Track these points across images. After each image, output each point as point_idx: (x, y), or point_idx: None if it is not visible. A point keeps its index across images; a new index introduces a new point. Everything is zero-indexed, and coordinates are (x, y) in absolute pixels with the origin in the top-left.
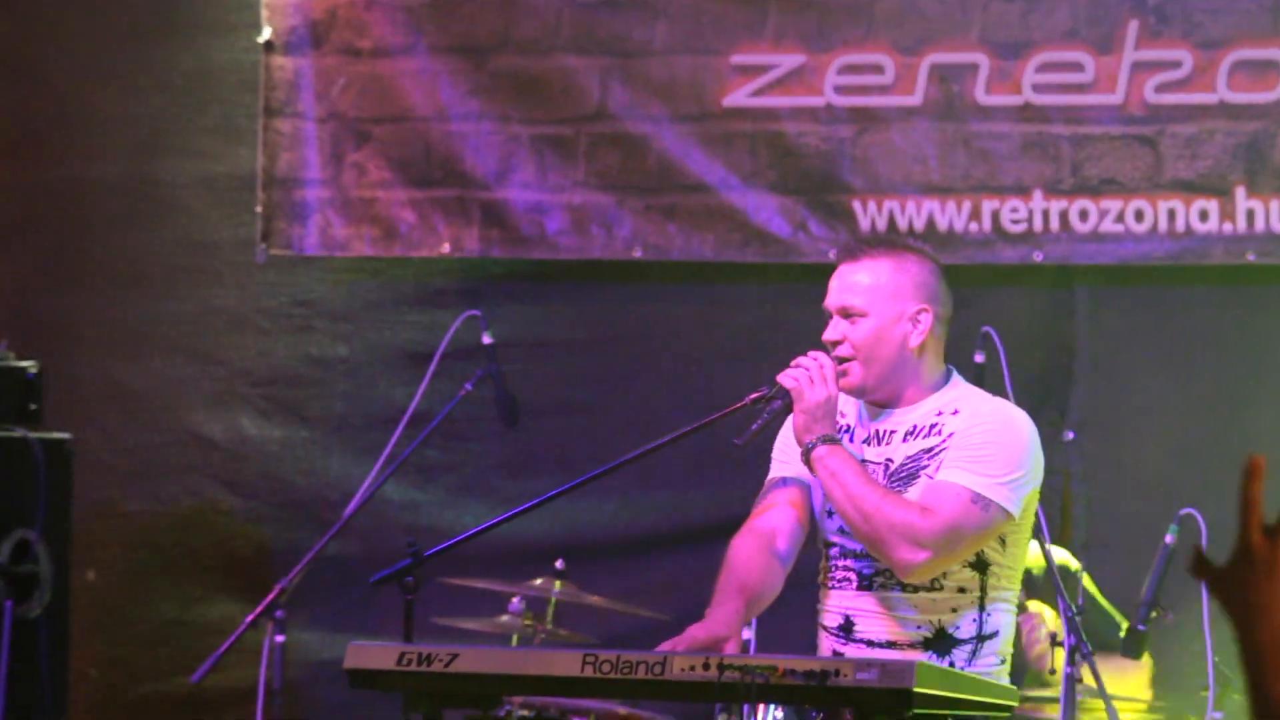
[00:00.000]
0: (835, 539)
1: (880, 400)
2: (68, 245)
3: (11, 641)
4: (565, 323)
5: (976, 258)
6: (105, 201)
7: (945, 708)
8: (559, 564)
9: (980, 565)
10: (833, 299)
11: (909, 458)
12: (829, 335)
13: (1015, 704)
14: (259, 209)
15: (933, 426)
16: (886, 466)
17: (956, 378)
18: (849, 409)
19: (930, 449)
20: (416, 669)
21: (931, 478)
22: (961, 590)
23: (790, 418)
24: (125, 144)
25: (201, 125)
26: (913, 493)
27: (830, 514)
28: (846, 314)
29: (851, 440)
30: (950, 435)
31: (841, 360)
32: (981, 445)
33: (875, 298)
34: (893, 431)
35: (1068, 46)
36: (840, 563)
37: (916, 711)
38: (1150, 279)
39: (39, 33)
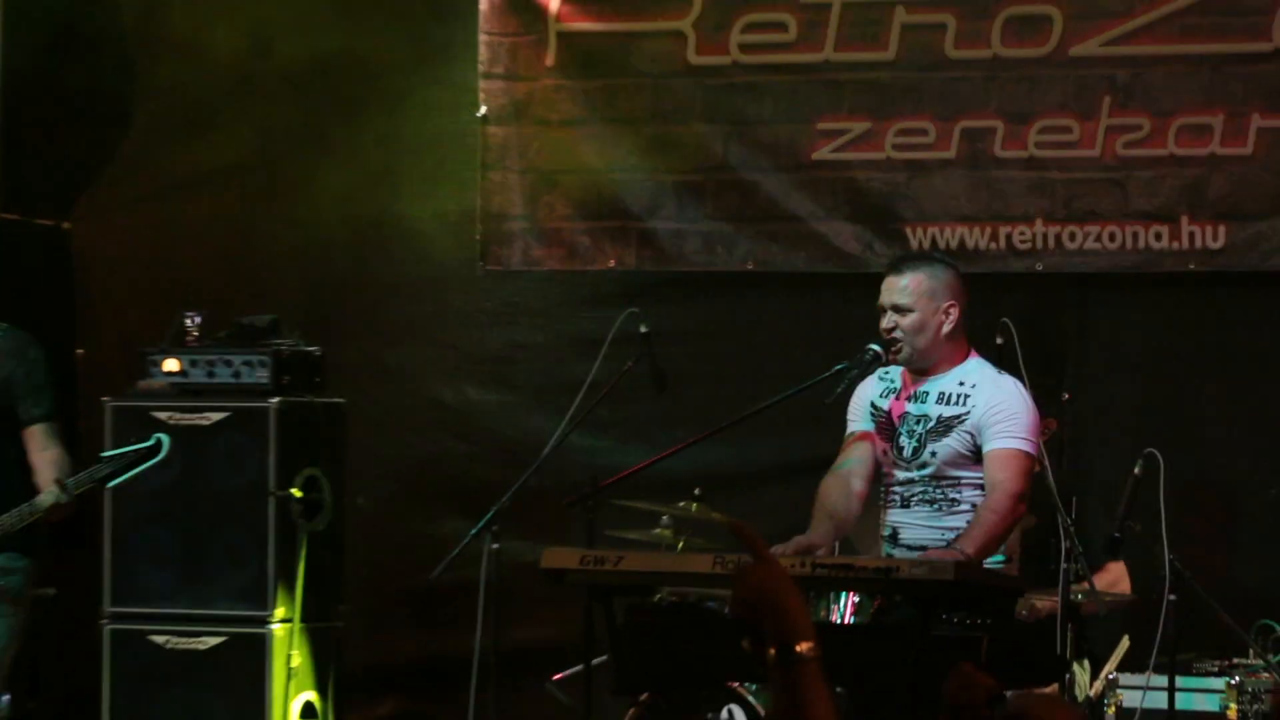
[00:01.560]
0: (889, 470)
1: (920, 369)
2: (340, 263)
3: (305, 549)
4: (698, 317)
5: (995, 268)
6: (368, 232)
7: (973, 590)
8: (696, 491)
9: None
10: (886, 299)
11: (941, 419)
12: (885, 325)
13: (1022, 587)
14: (478, 237)
15: (957, 395)
16: (925, 421)
17: (974, 355)
18: (897, 375)
19: (957, 415)
20: (593, 568)
21: (965, 433)
22: (973, 507)
23: (864, 382)
24: (382, 189)
25: (437, 176)
26: (949, 441)
27: (886, 453)
28: (897, 309)
29: (898, 398)
30: (973, 406)
31: (894, 341)
32: (1014, 415)
33: (917, 297)
34: (928, 393)
35: (1060, 115)
36: (892, 489)
37: (952, 593)
38: (1119, 283)
39: (325, 110)
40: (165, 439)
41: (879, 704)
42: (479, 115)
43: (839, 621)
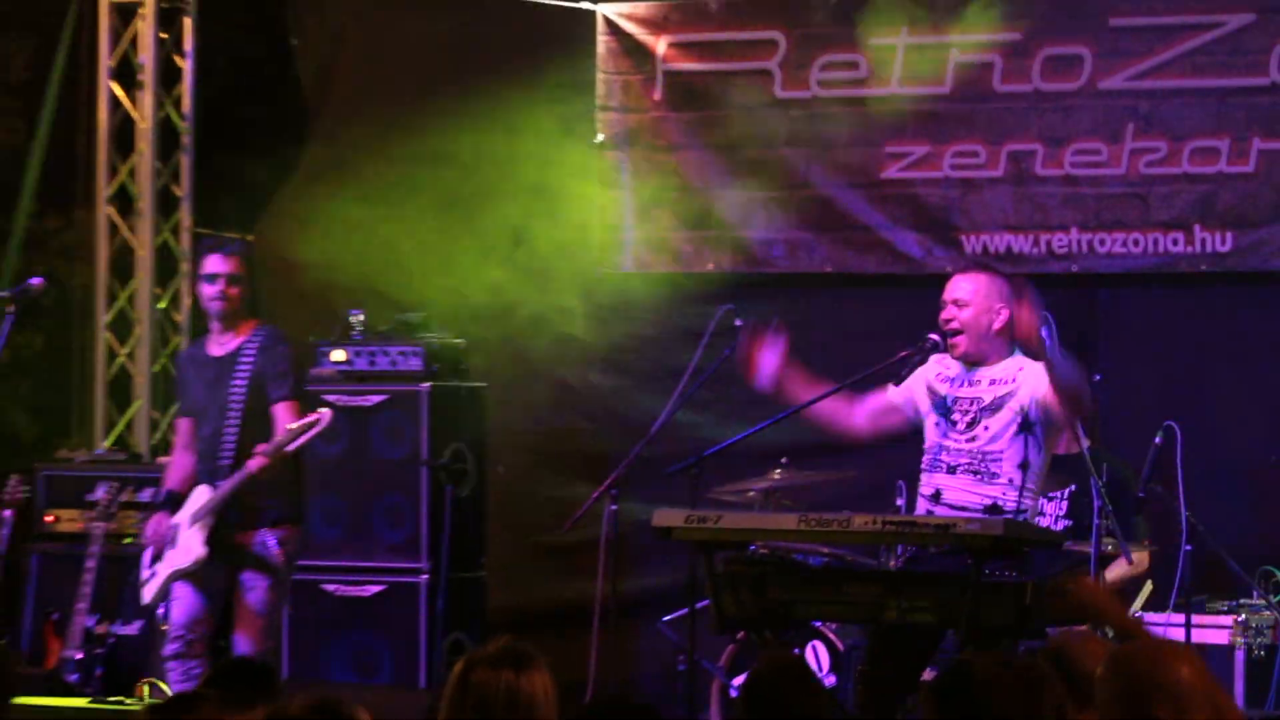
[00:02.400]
0: (936, 440)
1: (973, 361)
2: (481, 267)
3: (452, 512)
4: (784, 311)
5: (1036, 269)
6: (504, 241)
7: (1019, 543)
8: (782, 460)
9: (1023, 466)
10: (949, 293)
11: (995, 397)
12: (946, 315)
13: (1061, 540)
14: (596, 244)
15: (1005, 379)
16: (979, 401)
17: (1018, 351)
18: (952, 367)
19: (1009, 392)
20: (696, 525)
21: (1013, 410)
22: (1009, 482)
23: (922, 368)
24: (516, 204)
25: (562, 193)
26: (1000, 416)
27: (938, 424)
28: (958, 304)
29: (952, 385)
30: (1020, 386)
31: (953, 332)
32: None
33: (975, 296)
34: (979, 381)
35: (1091, 139)
36: (939, 457)
37: (1002, 546)
38: (1142, 282)
39: (467, 137)
40: (326, 412)
41: (937, 640)
42: (597, 141)
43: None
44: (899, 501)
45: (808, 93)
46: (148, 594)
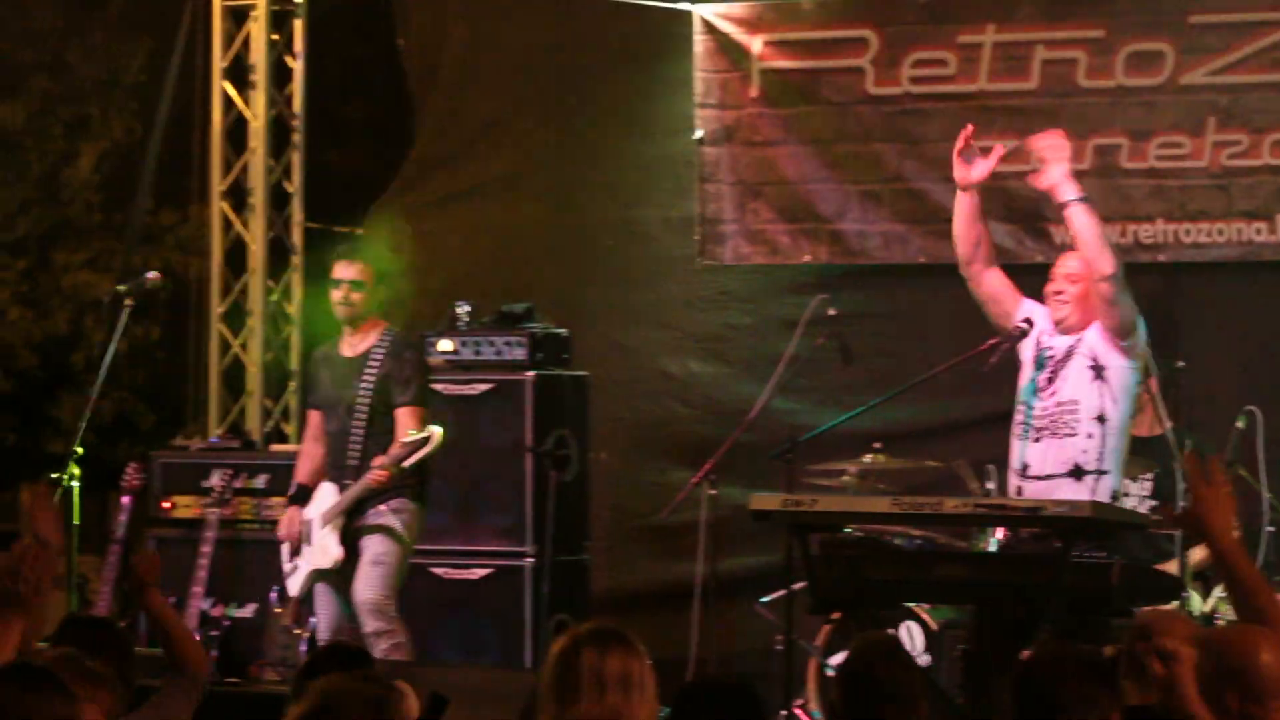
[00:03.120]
0: (1027, 400)
1: (1070, 331)
2: (583, 260)
3: (555, 498)
4: (878, 301)
5: (1124, 259)
6: (607, 234)
7: (1106, 525)
8: (876, 445)
9: (1101, 419)
10: (1060, 268)
11: (1067, 347)
12: (1055, 288)
13: (1147, 522)
14: (697, 237)
15: (1078, 333)
16: (1055, 351)
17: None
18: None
19: (1078, 338)
20: (793, 508)
21: (1083, 355)
22: (1088, 436)
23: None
24: (618, 198)
25: (663, 187)
26: (1072, 364)
27: (1031, 381)
28: (1069, 278)
29: (1038, 346)
30: (1085, 334)
31: (1060, 304)
32: None
33: (1084, 273)
34: (1074, 344)
35: (1174, 133)
36: (1024, 423)
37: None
38: (1225, 270)
39: (571, 133)
40: (438, 431)
41: (1031, 618)
42: (696, 138)
43: (994, 550)
44: (989, 485)
45: (899, 89)
46: (293, 586)
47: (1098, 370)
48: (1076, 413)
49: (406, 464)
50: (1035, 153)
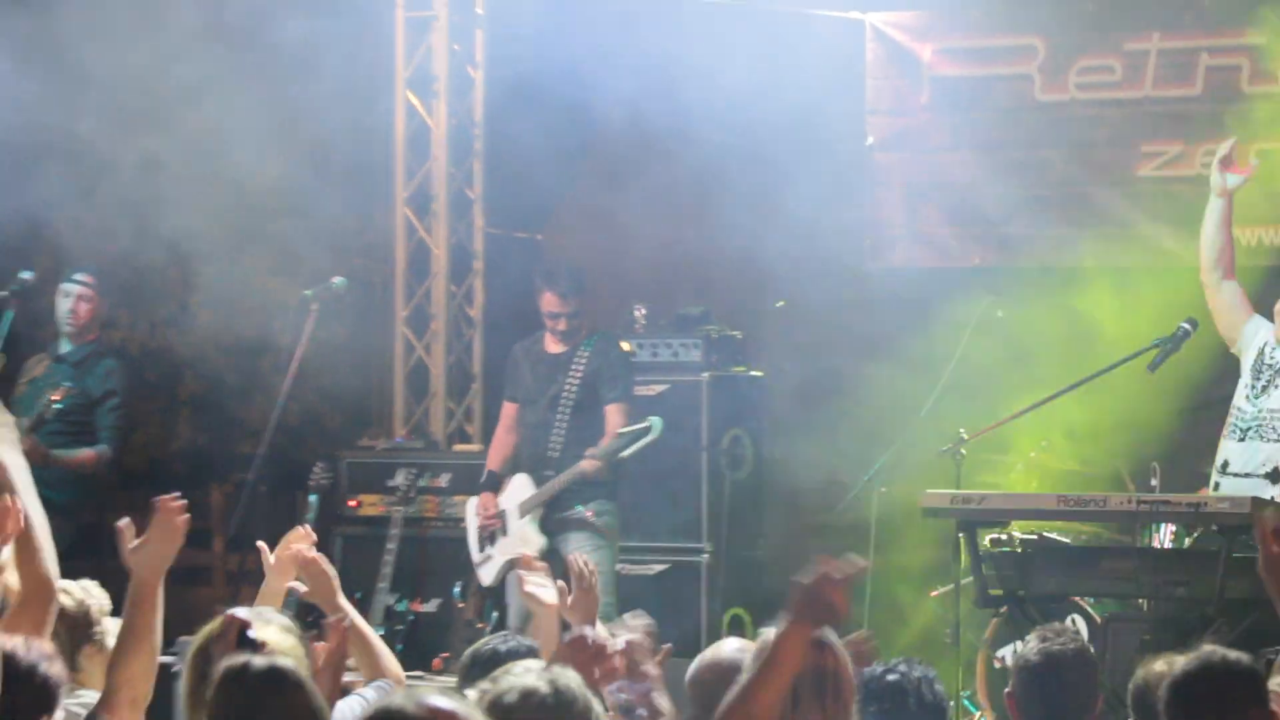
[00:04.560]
0: (1239, 403)
1: None
2: (757, 264)
3: (730, 495)
4: (1044, 303)
5: None
6: (779, 238)
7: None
8: (1044, 443)
9: None
10: None
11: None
12: None
13: None
14: (868, 241)
15: None
16: (1273, 365)
17: None
18: (1259, 343)
19: None
20: (961, 505)
21: None
22: None
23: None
24: (789, 204)
25: (835, 192)
26: None
27: (1246, 385)
28: None
29: (1259, 357)
30: None
31: None
32: None
33: None
34: None
35: None
36: (1234, 423)
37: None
38: None
39: (744, 142)
40: (657, 421)
41: (1191, 612)
42: (868, 144)
43: (1160, 546)
44: (1153, 482)
45: (1066, 96)
46: (486, 576)
47: None
48: None
49: (626, 454)
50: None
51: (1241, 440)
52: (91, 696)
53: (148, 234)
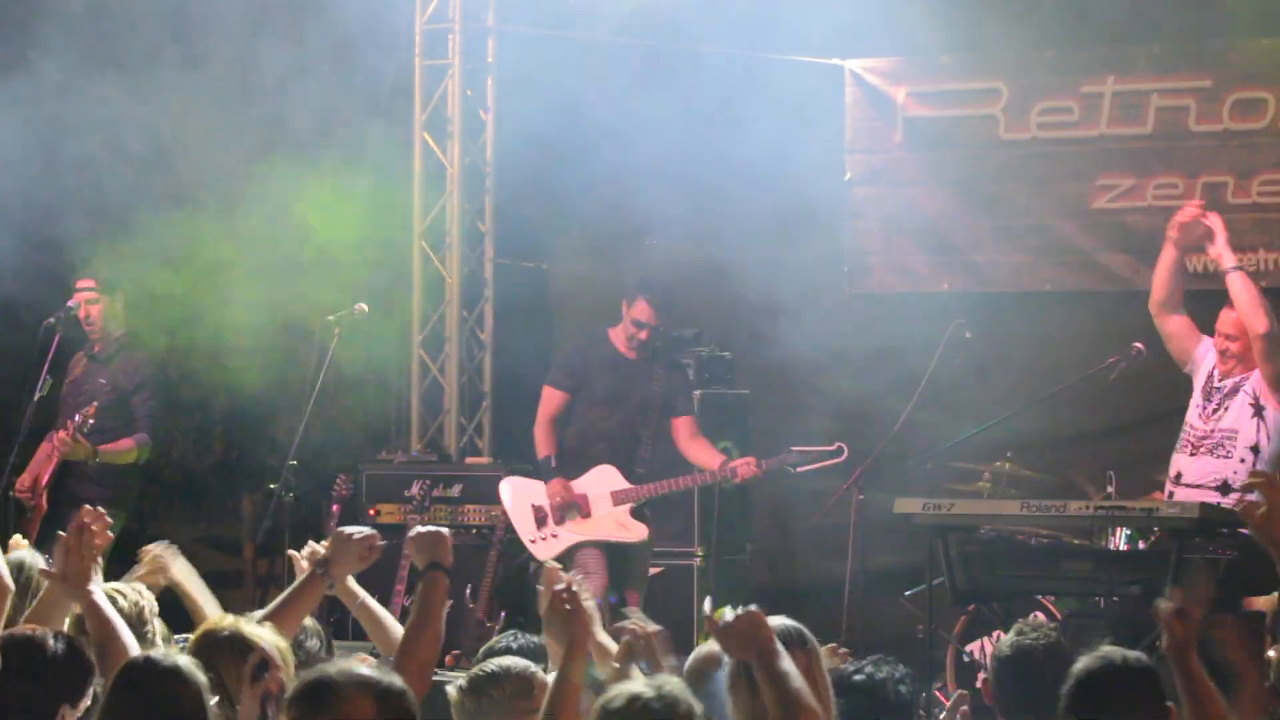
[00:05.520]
0: (1192, 420)
1: (1232, 371)
2: (744, 288)
3: (720, 503)
4: (1009, 325)
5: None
6: (763, 266)
7: (1214, 524)
8: (1008, 454)
9: (1254, 449)
10: (1222, 327)
11: (1233, 383)
12: (1221, 346)
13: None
14: (846, 268)
15: (1242, 372)
16: (1222, 390)
17: None
18: (1208, 366)
19: (1243, 377)
20: (932, 511)
21: (1247, 391)
22: (1240, 460)
23: (1210, 356)
24: (773, 235)
25: (815, 224)
26: (1236, 400)
27: (1197, 405)
28: (1229, 337)
29: (1209, 380)
30: (1252, 372)
31: (1229, 359)
32: None
33: (1242, 330)
34: (1239, 381)
35: (1276, 172)
36: (1189, 438)
37: (1198, 527)
38: None
39: (730, 176)
40: (845, 448)
41: (1145, 609)
42: (846, 179)
43: (1116, 548)
44: (1109, 489)
45: (1028, 135)
46: (545, 552)
47: (1258, 408)
48: (1235, 440)
49: (802, 469)
50: (1205, 221)
51: (1193, 455)
52: None
53: (183, 265)
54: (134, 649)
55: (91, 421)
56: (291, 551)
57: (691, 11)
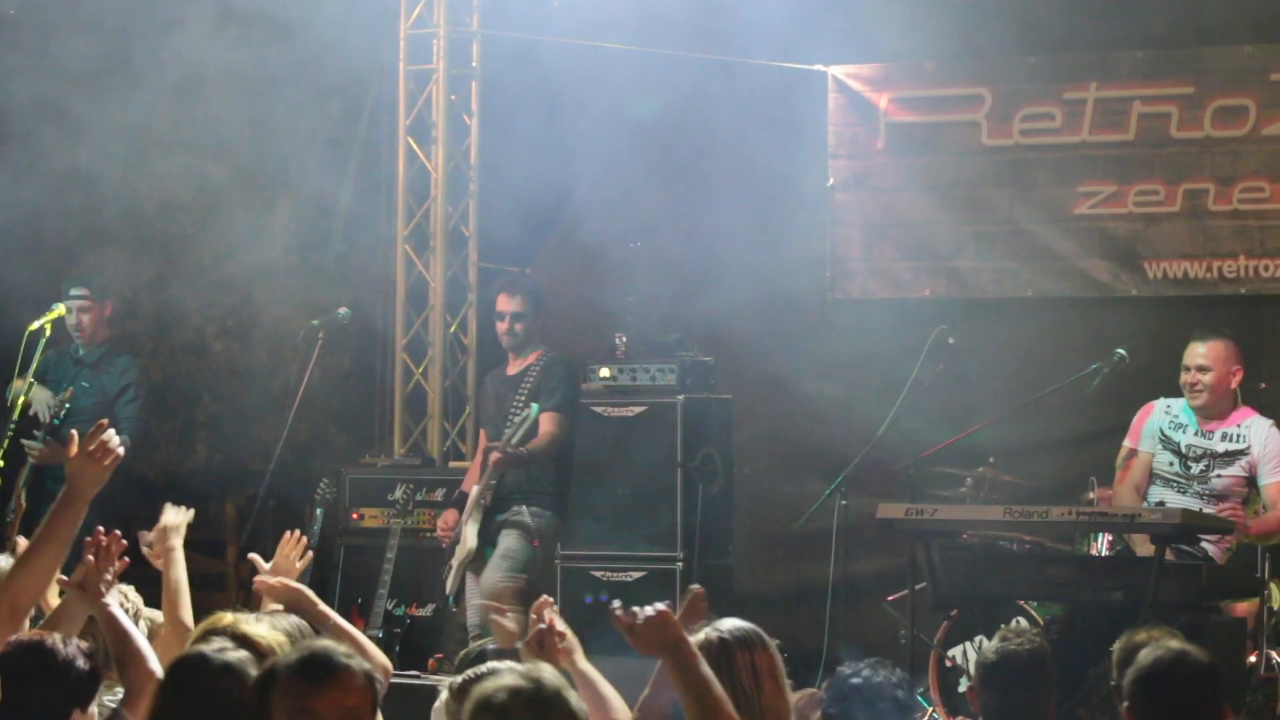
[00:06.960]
0: (1175, 473)
1: (1211, 415)
2: (726, 295)
3: (702, 508)
4: (991, 330)
5: (1210, 292)
6: (748, 272)
7: (1195, 529)
8: (990, 460)
9: (1246, 500)
10: (1191, 359)
11: (1228, 452)
12: (1190, 379)
13: (1231, 527)
14: (829, 274)
15: (1238, 436)
16: (1212, 452)
17: (1245, 407)
18: (1187, 417)
19: (1241, 449)
20: (914, 517)
21: (1245, 464)
22: (1224, 498)
23: (1151, 414)
24: (758, 240)
25: (798, 230)
26: (1233, 470)
27: (1171, 464)
28: (1200, 369)
29: (1185, 433)
30: (1250, 444)
31: (1199, 393)
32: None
33: (1216, 361)
34: (1212, 433)
35: (1256, 179)
36: (1170, 480)
37: (1180, 532)
38: None
39: (714, 184)
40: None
41: (1128, 611)
42: (829, 185)
43: (1099, 554)
44: (1090, 495)
45: (1010, 141)
46: (449, 585)
47: (1252, 482)
48: (1226, 501)
49: (516, 439)
50: None
51: (1182, 494)
52: None
53: (171, 270)
54: (151, 658)
55: (69, 406)
56: (254, 555)
57: (675, 17)
